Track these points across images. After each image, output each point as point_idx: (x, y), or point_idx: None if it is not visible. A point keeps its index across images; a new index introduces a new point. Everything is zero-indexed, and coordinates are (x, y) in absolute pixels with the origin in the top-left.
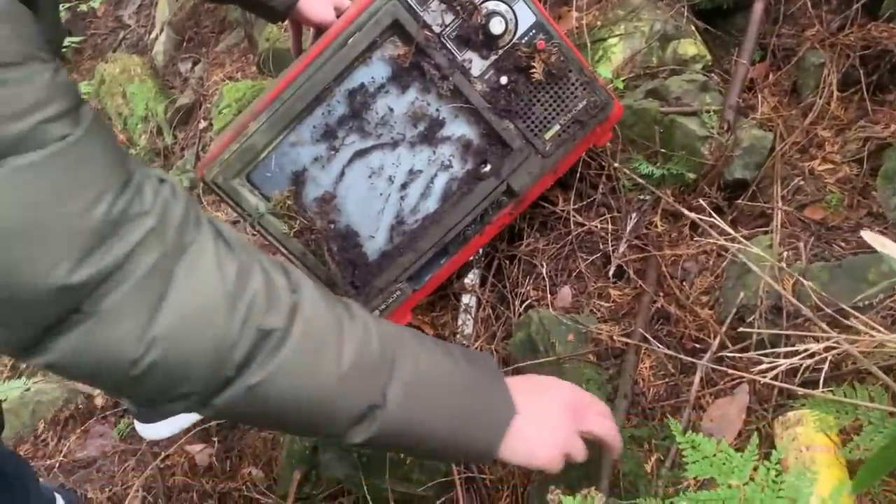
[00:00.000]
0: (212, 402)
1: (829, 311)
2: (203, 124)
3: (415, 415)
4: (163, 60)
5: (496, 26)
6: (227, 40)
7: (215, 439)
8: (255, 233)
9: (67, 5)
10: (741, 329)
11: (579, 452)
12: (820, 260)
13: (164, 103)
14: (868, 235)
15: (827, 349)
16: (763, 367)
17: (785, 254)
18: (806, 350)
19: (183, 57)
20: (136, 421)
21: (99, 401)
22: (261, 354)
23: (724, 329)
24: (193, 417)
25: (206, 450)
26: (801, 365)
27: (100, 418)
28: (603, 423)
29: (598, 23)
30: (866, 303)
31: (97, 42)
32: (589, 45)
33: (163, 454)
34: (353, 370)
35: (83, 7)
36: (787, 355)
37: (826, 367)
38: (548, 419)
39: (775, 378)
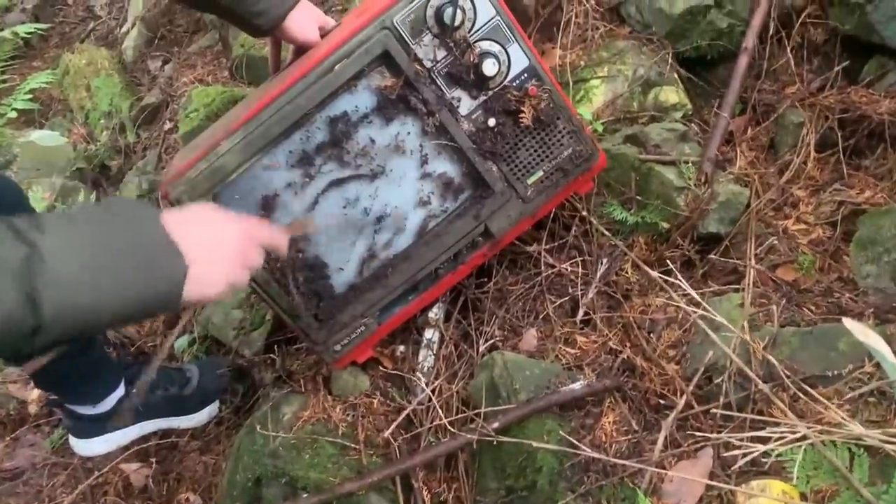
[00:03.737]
0: None
1: (797, 379)
2: (168, 125)
3: (80, 316)
4: (132, 56)
5: (489, 67)
6: (200, 41)
7: (153, 460)
8: None
9: None
10: (707, 389)
11: (256, 264)
12: (790, 323)
13: (130, 100)
14: (850, 324)
15: (800, 438)
16: (732, 452)
17: (755, 314)
18: (777, 436)
19: (153, 54)
20: (70, 435)
21: (33, 408)
22: None
23: (690, 388)
24: (132, 435)
25: (142, 470)
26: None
27: (32, 427)
28: (271, 234)
29: (582, 63)
30: (835, 372)
31: (65, 31)
32: (571, 84)
33: (96, 472)
34: None
35: None
36: (755, 440)
37: (800, 456)
38: (219, 253)
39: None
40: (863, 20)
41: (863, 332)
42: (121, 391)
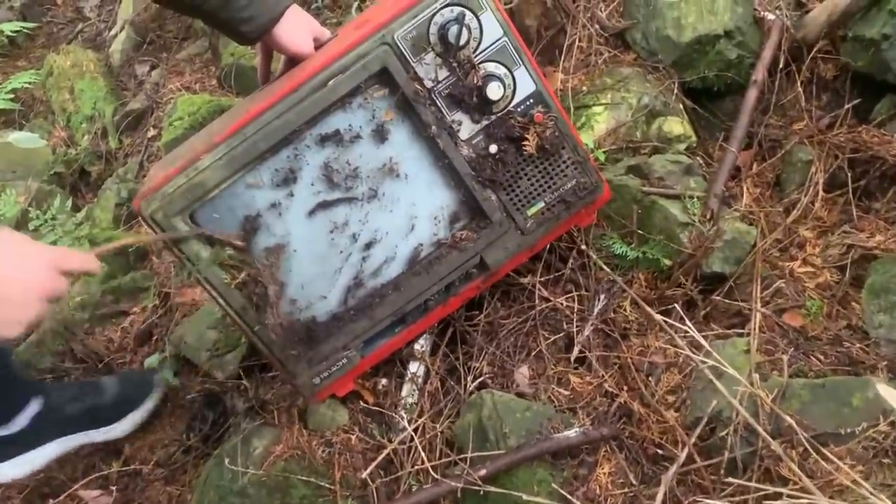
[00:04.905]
0: None
1: (808, 437)
2: (152, 132)
3: None
4: (119, 60)
5: (493, 91)
6: (189, 48)
7: (114, 487)
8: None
9: None
10: (710, 441)
11: (60, 294)
12: (798, 373)
13: (114, 105)
14: (884, 390)
15: None
16: None
17: (762, 363)
18: None
19: (141, 59)
20: None
21: None
22: None
23: (692, 440)
24: (50, 454)
25: (102, 498)
26: None
27: None
28: (81, 258)
29: (584, 88)
30: (848, 430)
31: (52, 31)
32: (572, 109)
33: (51, 501)
34: None
35: None
36: None
37: None
38: (17, 289)
39: None
40: (877, 58)
41: None
42: (35, 407)
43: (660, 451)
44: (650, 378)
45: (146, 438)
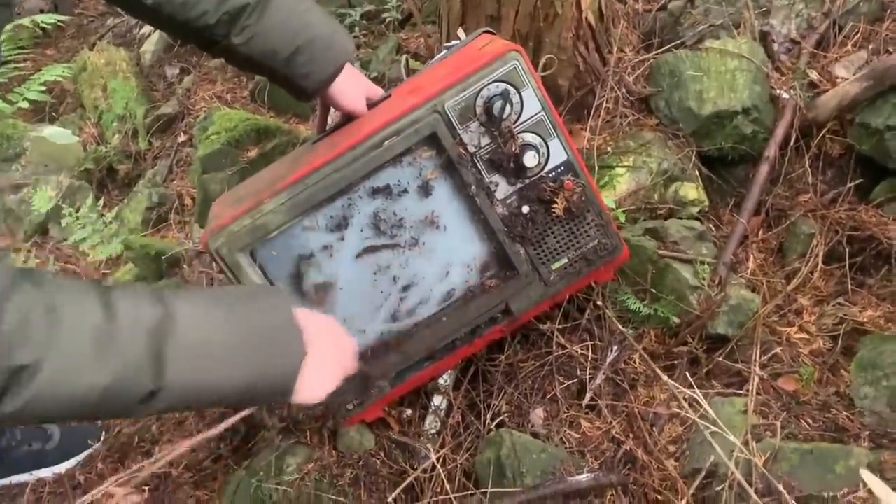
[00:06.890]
0: None
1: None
2: (182, 138)
3: (200, 384)
4: (150, 60)
5: (529, 159)
6: None
7: (146, 487)
8: None
9: None
10: (707, 493)
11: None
12: (789, 436)
13: (145, 107)
14: (868, 476)
15: None
16: None
17: (756, 421)
18: None
19: (172, 62)
20: None
21: None
22: (13, 389)
23: (691, 491)
24: None
25: (132, 496)
26: None
27: None
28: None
29: (609, 148)
30: (830, 494)
31: (82, 23)
32: (596, 168)
33: (83, 494)
34: (116, 381)
35: None
36: None
37: None
38: (333, 357)
39: None
40: (880, 145)
41: (884, 492)
42: None
43: (660, 498)
44: (654, 428)
45: (177, 442)
